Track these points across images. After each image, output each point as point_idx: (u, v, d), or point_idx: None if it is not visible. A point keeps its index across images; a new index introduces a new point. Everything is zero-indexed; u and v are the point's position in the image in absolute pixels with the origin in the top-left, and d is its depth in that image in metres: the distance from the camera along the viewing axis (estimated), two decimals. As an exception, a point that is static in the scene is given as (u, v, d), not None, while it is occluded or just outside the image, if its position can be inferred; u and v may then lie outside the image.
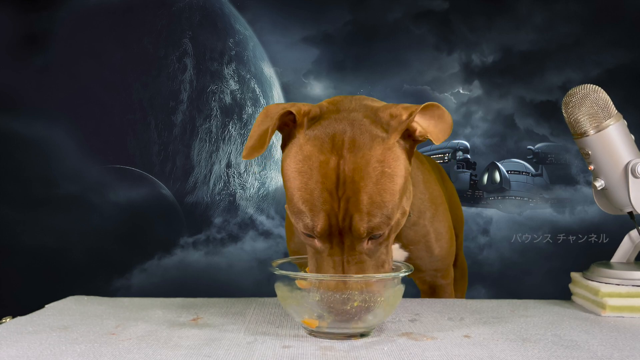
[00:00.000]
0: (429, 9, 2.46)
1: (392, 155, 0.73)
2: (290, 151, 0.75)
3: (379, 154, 0.72)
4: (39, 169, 2.38)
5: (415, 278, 1.08)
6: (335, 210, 0.71)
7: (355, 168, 0.70)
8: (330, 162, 0.71)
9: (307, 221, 0.72)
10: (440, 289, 1.08)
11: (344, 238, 0.72)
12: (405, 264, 0.80)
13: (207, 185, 2.48)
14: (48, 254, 2.36)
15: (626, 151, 0.90)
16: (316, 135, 0.73)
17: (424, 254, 0.99)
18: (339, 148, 0.72)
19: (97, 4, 2.44)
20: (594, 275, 0.92)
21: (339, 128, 0.73)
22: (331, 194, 0.71)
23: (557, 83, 2.43)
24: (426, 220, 0.97)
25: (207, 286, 2.39)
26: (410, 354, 0.67)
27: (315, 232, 0.72)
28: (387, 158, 0.72)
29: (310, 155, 0.72)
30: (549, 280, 2.33)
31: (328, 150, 0.72)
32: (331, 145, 0.72)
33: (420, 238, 0.98)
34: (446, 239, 1.01)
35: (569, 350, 0.69)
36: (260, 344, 0.71)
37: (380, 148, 0.72)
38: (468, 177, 2.48)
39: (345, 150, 0.71)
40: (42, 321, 0.81)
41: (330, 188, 0.71)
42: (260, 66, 2.50)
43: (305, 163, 0.72)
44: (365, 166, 0.71)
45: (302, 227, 0.73)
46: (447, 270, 1.06)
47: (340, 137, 0.72)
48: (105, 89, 2.43)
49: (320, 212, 0.71)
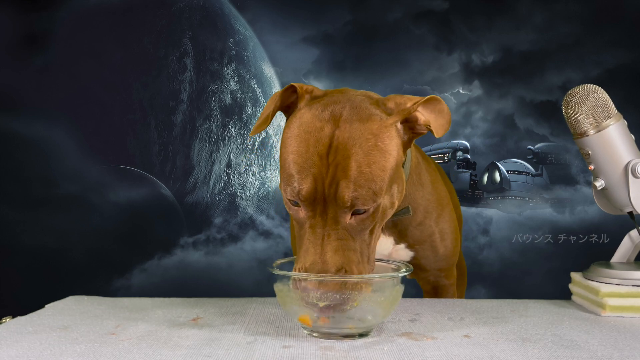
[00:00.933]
0: (429, 9, 2.46)
1: (387, 133, 0.74)
2: (290, 121, 0.78)
3: (375, 128, 0.73)
4: (39, 169, 2.38)
5: (419, 278, 1.08)
6: (323, 174, 0.71)
7: (349, 136, 0.72)
8: (325, 129, 0.73)
9: (294, 184, 0.72)
10: (443, 289, 1.08)
11: (327, 208, 0.72)
12: (404, 264, 0.80)
13: (207, 185, 2.48)
14: (48, 254, 2.36)
15: (626, 151, 0.90)
16: (316, 107, 0.76)
17: (429, 253, 1.00)
18: (336, 119, 0.74)
19: (97, 4, 2.44)
20: (594, 275, 0.92)
21: (340, 104, 0.75)
22: (321, 158, 0.71)
23: (557, 83, 2.43)
24: (432, 220, 0.98)
25: (207, 286, 2.39)
26: (410, 354, 0.67)
27: (301, 195, 0.72)
28: (382, 134, 0.74)
29: (307, 122, 0.74)
30: (549, 280, 2.33)
31: (325, 119, 0.74)
32: (329, 115, 0.74)
33: (426, 238, 0.98)
34: (451, 239, 1.02)
35: (569, 350, 0.69)
36: (260, 344, 0.71)
37: (376, 124, 0.74)
38: (468, 177, 2.48)
39: (342, 121, 0.73)
40: (42, 321, 0.81)
41: (321, 152, 0.72)
42: (260, 66, 2.50)
43: (301, 128, 0.74)
44: (358, 136, 0.72)
45: (289, 192, 0.73)
46: (450, 270, 1.07)
47: (340, 110, 0.74)
48: (105, 89, 2.43)
49: (308, 175, 0.71)
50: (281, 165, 0.76)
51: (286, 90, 0.78)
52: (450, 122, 0.77)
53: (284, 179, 0.74)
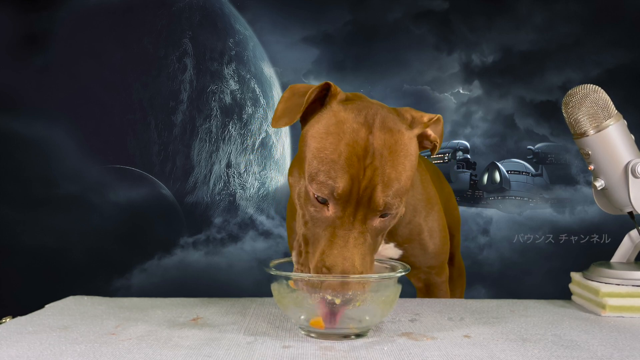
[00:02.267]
0: (429, 9, 2.46)
1: (412, 144, 0.78)
2: (322, 116, 0.77)
3: (404, 139, 0.77)
4: (39, 169, 2.38)
5: (411, 276, 1.09)
6: (360, 177, 0.72)
7: (384, 144, 0.74)
8: (362, 132, 0.74)
9: (328, 181, 0.72)
10: (435, 287, 1.09)
11: (357, 210, 0.72)
12: (401, 264, 0.80)
13: (207, 185, 2.48)
14: (48, 254, 2.36)
15: (626, 151, 0.90)
16: (351, 108, 0.76)
17: (418, 251, 1.01)
18: (369, 125, 0.75)
19: (97, 4, 2.44)
20: (594, 275, 0.92)
21: (371, 111, 0.77)
22: (359, 160, 0.72)
23: (557, 83, 2.43)
24: (421, 218, 0.99)
25: (207, 286, 2.39)
26: (410, 354, 0.67)
27: (336, 193, 0.71)
28: (409, 145, 0.77)
29: (345, 120, 0.75)
30: (549, 280, 2.33)
31: (361, 122, 0.75)
32: (364, 119, 0.75)
33: (415, 236, 0.99)
34: (440, 237, 1.03)
35: (569, 350, 0.69)
36: (260, 344, 0.71)
37: (405, 136, 0.77)
38: (468, 177, 2.48)
39: (375, 127, 0.75)
40: (42, 321, 0.81)
41: (359, 154, 0.72)
42: (260, 66, 2.50)
43: (339, 126, 0.74)
44: (392, 145, 0.75)
45: (318, 188, 0.72)
46: (441, 267, 1.07)
47: (372, 117, 0.76)
48: (105, 89, 2.43)
49: (345, 174, 0.71)
50: (309, 159, 0.74)
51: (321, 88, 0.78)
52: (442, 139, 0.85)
53: (314, 174, 0.73)
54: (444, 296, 1.10)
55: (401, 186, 0.74)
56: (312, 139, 0.75)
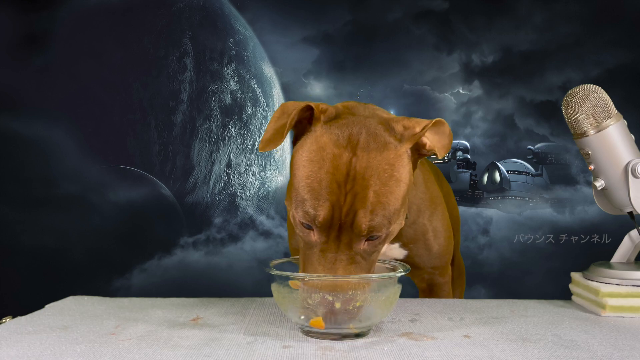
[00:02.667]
0: (429, 9, 2.46)
1: (401, 162, 0.75)
2: (305, 142, 0.77)
3: (391, 158, 0.74)
4: (39, 169, 2.38)
5: (414, 276, 1.09)
6: (341, 203, 0.72)
7: (366, 166, 0.73)
8: (344, 156, 0.73)
9: (309, 210, 0.72)
10: (438, 287, 1.09)
11: (341, 234, 0.73)
12: (401, 264, 0.80)
13: (207, 185, 2.48)
14: (48, 254, 2.36)
15: (626, 151, 0.90)
16: (333, 130, 0.75)
17: (423, 251, 1.01)
18: (353, 146, 0.74)
19: (97, 4, 2.44)
20: (594, 275, 0.91)
21: (356, 128, 0.75)
22: (339, 186, 0.72)
23: (557, 83, 2.43)
24: (425, 218, 0.99)
25: (207, 286, 2.39)
26: (410, 354, 0.67)
27: (317, 221, 0.72)
28: (397, 163, 0.75)
29: (325, 147, 0.74)
30: (549, 280, 2.33)
31: (343, 145, 0.74)
32: (347, 141, 0.74)
33: (420, 236, 0.99)
34: (444, 237, 1.03)
35: (569, 350, 0.69)
36: (260, 344, 0.71)
37: (392, 153, 0.75)
38: (468, 177, 2.48)
39: (359, 149, 0.73)
40: (42, 321, 0.81)
41: (339, 180, 0.72)
42: (260, 66, 2.50)
43: (319, 153, 0.74)
44: (376, 166, 0.73)
45: (302, 216, 0.74)
46: (444, 268, 1.07)
47: (356, 136, 0.75)
48: (105, 89, 2.43)
49: (325, 202, 0.72)
50: (295, 186, 0.75)
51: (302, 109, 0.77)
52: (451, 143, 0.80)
53: (298, 202, 0.74)
54: (447, 297, 1.10)
55: (387, 208, 0.73)
56: (297, 167, 0.76)
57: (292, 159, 0.78)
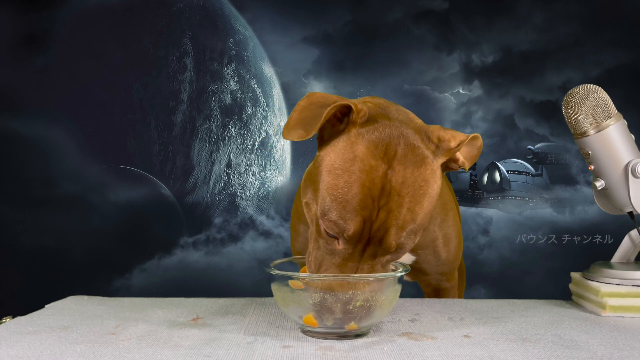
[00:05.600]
0: (429, 9, 2.46)
1: (435, 178, 0.73)
2: (337, 146, 0.73)
3: (427, 174, 0.72)
4: (39, 169, 2.38)
5: (420, 281, 1.08)
6: (373, 218, 0.69)
7: (403, 182, 0.70)
8: (379, 169, 0.70)
9: (339, 221, 0.69)
10: (445, 292, 1.08)
11: (367, 247, 0.71)
12: (402, 264, 0.80)
13: (207, 185, 2.48)
14: (48, 254, 2.36)
15: (626, 151, 0.90)
16: (370, 138, 0.72)
17: (431, 258, 0.99)
18: (390, 158, 0.70)
19: (97, 4, 2.44)
20: (594, 275, 0.91)
21: (394, 137, 0.72)
22: (373, 201, 0.69)
23: (557, 83, 2.43)
24: (436, 225, 0.97)
25: (207, 286, 2.39)
26: (410, 354, 0.67)
27: (346, 234, 0.70)
28: (431, 180, 0.73)
29: (362, 157, 0.70)
30: (549, 280, 2.33)
31: (380, 156, 0.70)
32: (384, 152, 0.71)
33: (429, 243, 0.97)
34: (454, 244, 1.01)
35: (569, 350, 0.69)
36: (260, 344, 0.71)
37: (429, 169, 0.72)
38: (468, 177, 2.48)
39: (397, 161, 0.70)
40: (42, 321, 0.81)
41: (374, 195, 0.69)
42: (260, 66, 2.50)
43: (354, 163, 0.70)
44: (413, 182, 0.70)
45: (330, 226, 0.71)
46: (452, 273, 1.06)
47: (394, 147, 0.71)
48: (105, 89, 2.43)
49: (357, 216, 0.69)
50: (322, 193, 0.71)
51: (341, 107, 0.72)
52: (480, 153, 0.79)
53: (327, 211, 0.70)
54: None
55: (417, 225, 0.71)
56: (327, 172, 0.72)
57: (320, 160, 0.73)
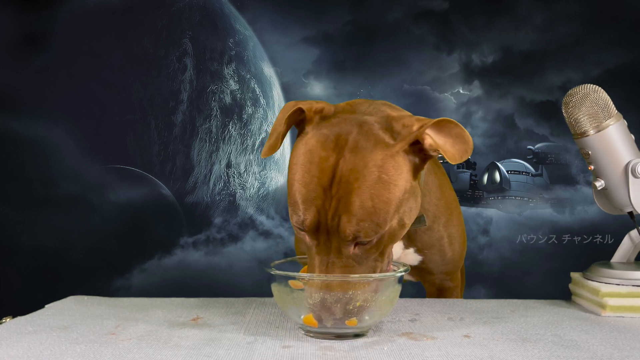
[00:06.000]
0: (429, 9, 2.46)
1: (393, 163, 0.72)
2: (297, 145, 0.77)
3: (379, 159, 0.71)
4: (39, 169, 2.38)
5: (424, 281, 1.08)
6: (326, 207, 0.71)
7: (352, 169, 0.70)
8: (330, 159, 0.72)
9: (299, 214, 0.73)
10: (448, 292, 1.08)
11: (331, 238, 0.72)
12: (402, 264, 0.80)
13: (207, 185, 2.48)
14: (48, 254, 2.36)
15: (626, 151, 0.90)
16: (322, 132, 0.74)
17: (437, 257, 0.99)
18: (341, 147, 0.72)
19: (97, 4, 2.44)
20: (594, 275, 0.92)
21: (346, 128, 0.73)
22: (325, 191, 0.71)
23: (557, 83, 2.43)
24: (440, 225, 0.97)
25: (207, 286, 2.39)
26: (410, 354, 0.67)
27: (304, 225, 0.72)
28: (387, 165, 0.71)
29: (312, 150, 0.73)
30: (549, 280, 2.32)
31: (330, 147, 0.72)
32: (334, 143, 0.72)
33: (435, 242, 0.97)
34: (459, 243, 1.01)
35: (569, 350, 0.69)
36: (260, 344, 0.71)
37: (382, 154, 0.71)
38: (468, 177, 2.48)
39: (347, 150, 0.71)
40: (42, 321, 0.81)
41: (325, 184, 0.71)
42: (260, 66, 2.50)
43: (307, 156, 0.73)
44: (362, 168, 0.70)
45: (294, 220, 0.74)
46: (455, 273, 1.06)
47: (345, 136, 0.72)
48: (105, 89, 2.43)
49: (311, 207, 0.71)
50: (288, 190, 0.76)
51: (294, 112, 0.75)
52: (472, 147, 0.73)
53: (290, 205, 0.75)
54: None
55: (374, 213, 0.70)
56: (289, 170, 0.76)
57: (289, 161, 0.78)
